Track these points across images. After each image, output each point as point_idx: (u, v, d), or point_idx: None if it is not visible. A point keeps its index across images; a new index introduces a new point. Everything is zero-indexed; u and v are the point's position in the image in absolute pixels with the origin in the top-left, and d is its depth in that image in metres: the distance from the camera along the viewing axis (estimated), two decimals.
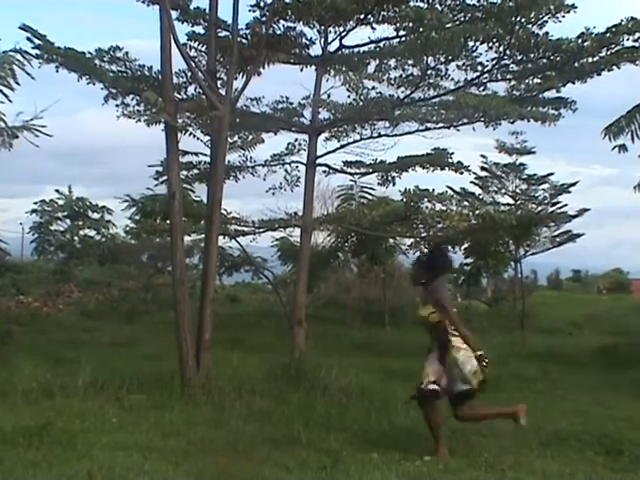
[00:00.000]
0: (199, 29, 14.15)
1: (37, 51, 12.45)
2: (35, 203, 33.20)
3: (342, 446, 8.55)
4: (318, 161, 15.38)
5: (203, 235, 17.03)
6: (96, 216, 32.67)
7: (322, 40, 15.00)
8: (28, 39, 12.14)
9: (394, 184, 17.30)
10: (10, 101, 10.45)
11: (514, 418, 8.04)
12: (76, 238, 32.40)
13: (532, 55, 14.33)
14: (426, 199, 17.70)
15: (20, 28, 11.97)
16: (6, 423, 8.34)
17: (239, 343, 16.40)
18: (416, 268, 8.70)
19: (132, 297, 26.54)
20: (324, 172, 16.64)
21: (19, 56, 10.55)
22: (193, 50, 14.13)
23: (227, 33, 13.60)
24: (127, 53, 13.59)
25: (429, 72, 14.84)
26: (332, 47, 14.99)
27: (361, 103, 15.20)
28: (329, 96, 15.26)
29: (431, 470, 7.46)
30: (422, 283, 8.32)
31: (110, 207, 32.62)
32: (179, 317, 11.37)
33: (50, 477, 6.71)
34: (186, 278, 11.98)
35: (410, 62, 14.89)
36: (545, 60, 14.46)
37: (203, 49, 14.11)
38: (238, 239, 17.45)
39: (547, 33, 13.82)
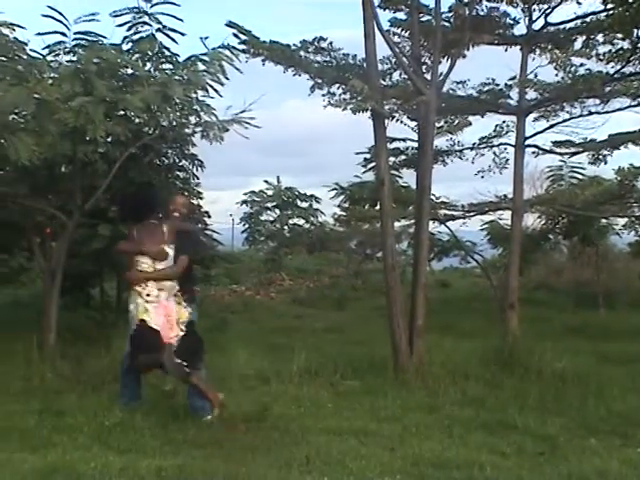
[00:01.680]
0: (401, 15, 14.08)
1: (243, 46, 12.73)
2: (245, 194, 34.18)
3: (559, 432, 8.38)
4: (527, 142, 15.03)
5: (411, 221, 17.09)
6: (304, 205, 33.23)
7: (526, 19, 14.61)
8: (234, 35, 12.43)
9: (605, 163, 16.69)
10: (220, 96, 10.75)
11: None
12: (285, 227, 33.07)
13: None
14: None
15: (227, 25, 12.27)
16: (225, 408, 8.61)
17: (450, 328, 16.28)
18: None
19: (342, 284, 26.82)
20: (533, 153, 16.23)
21: (227, 52, 10.82)
22: (396, 36, 14.06)
23: (429, 17, 13.49)
24: (331, 43, 13.68)
25: None
26: (537, 25, 14.57)
27: (569, 81, 14.73)
28: (536, 75, 14.88)
29: None
30: None
31: (318, 196, 33.14)
32: (391, 303, 11.40)
33: (268, 461, 6.85)
34: (397, 264, 11.99)
35: (619, 36, 14.28)
36: None
37: (406, 35, 14.03)
38: (447, 223, 17.31)
39: None
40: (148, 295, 8.17)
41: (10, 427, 7.76)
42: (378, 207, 13.03)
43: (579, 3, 13.95)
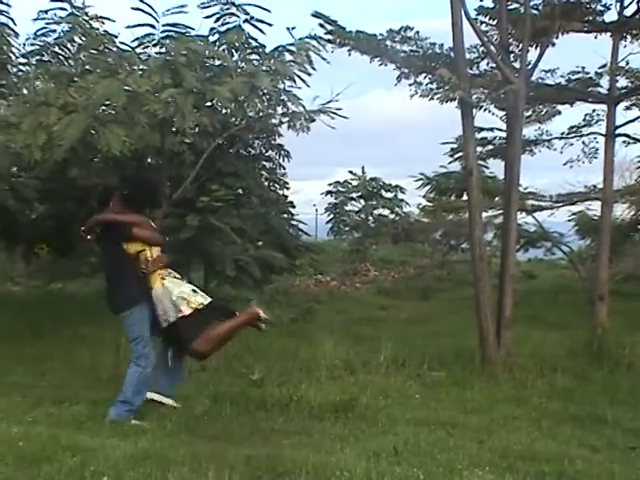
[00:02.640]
0: (488, 3, 13.94)
1: (330, 36, 12.73)
2: (329, 184, 34.15)
3: None
4: (617, 131, 14.74)
5: (498, 212, 16.93)
6: (389, 195, 33.09)
7: (618, 5, 14.33)
8: (321, 25, 12.45)
9: None
10: (308, 86, 10.77)
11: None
12: (370, 218, 32.95)
13: None
14: None
15: (313, 15, 12.30)
16: (312, 398, 8.64)
17: (537, 320, 16.11)
18: None
19: (427, 275, 26.69)
20: (623, 142, 15.94)
21: (314, 42, 10.83)
22: (484, 25, 13.92)
23: (517, 5, 13.33)
24: (418, 32, 13.62)
25: None
26: (629, 11, 14.27)
27: None
28: (627, 63, 14.58)
29: None
30: None
31: (402, 186, 32.96)
32: (479, 294, 11.32)
33: (357, 451, 6.84)
34: (485, 255, 11.89)
35: None
36: None
37: (494, 23, 13.87)
38: (535, 214, 17.10)
39: None
40: (175, 278, 8.19)
41: (101, 414, 7.90)
42: (465, 197, 12.94)
43: None
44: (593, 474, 6.27)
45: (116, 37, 11.39)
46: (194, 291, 8.01)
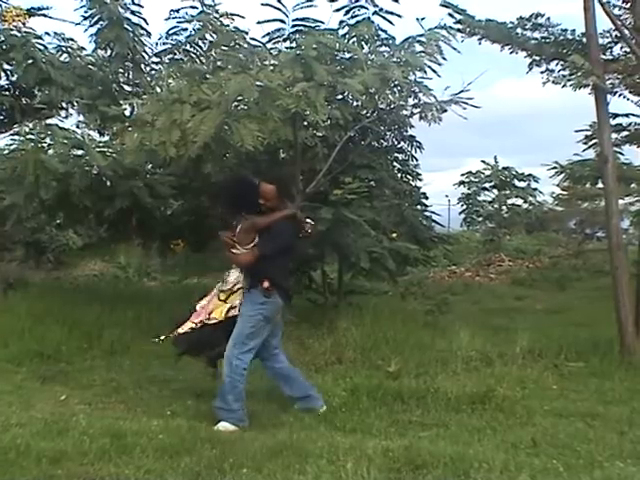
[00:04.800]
0: None
1: (459, 26, 12.68)
2: (462, 175, 33.90)
3: None
4: None
5: (634, 199, 16.56)
6: (522, 185, 32.65)
7: None
8: (450, 15, 12.42)
9: None
10: (439, 76, 10.75)
11: None
12: (504, 207, 32.60)
13: None
14: None
15: (441, 5, 12.27)
16: (449, 390, 8.65)
17: None
18: None
19: (562, 264, 26.26)
20: None
21: (444, 32, 10.81)
22: (616, 8, 13.60)
23: None
24: (549, 19, 13.42)
25: None
26: None
27: None
28: None
29: None
30: None
31: (536, 175, 32.49)
32: (617, 283, 11.10)
33: (495, 442, 6.86)
34: (623, 243, 11.66)
35: None
36: None
37: (627, 6, 13.56)
38: None
39: None
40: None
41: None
42: (600, 185, 12.70)
43: None
44: None
45: (246, 33, 11.67)
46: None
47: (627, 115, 15.86)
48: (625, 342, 10.86)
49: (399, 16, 11.19)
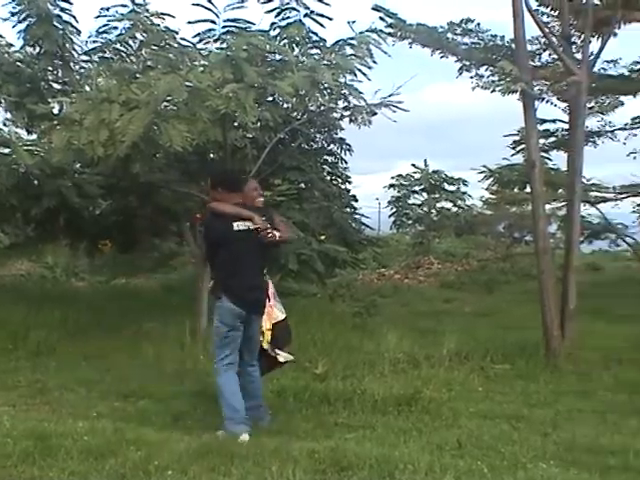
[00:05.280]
0: None
1: (390, 29, 12.75)
2: (392, 178, 34.08)
3: None
4: None
5: (561, 204, 16.83)
6: (452, 188, 32.93)
7: None
8: (381, 19, 12.49)
9: None
10: (369, 79, 10.78)
11: None
12: (433, 211, 32.83)
13: None
14: None
15: (373, 9, 12.34)
16: (376, 392, 8.67)
17: (602, 312, 15.97)
18: None
19: (490, 267, 26.56)
20: None
21: (375, 35, 10.83)
22: (545, 16, 13.85)
23: None
24: (479, 24, 13.62)
25: None
26: None
27: None
28: None
29: None
30: None
31: (465, 179, 32.78)
32: (543, 286, 11.25)
33: (420, 444, 6.87)
34: (549, 247, 11.83)
35: None
36: None
37: (555, 14, 13.78)
38: (598, 206, 16.95)
39: None
40: None
41: (165, 408, 8.05)
42: (528, 190, 12.88)
43: None
44: None
45: (177, 33, 11.56)
46: None
47: (554, 121, 16.20)
48: (550, 345, 11.02)
49: (330, 19, 11.22)
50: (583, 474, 5.87)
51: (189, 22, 10.82)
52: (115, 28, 12.44)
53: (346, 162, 14.76)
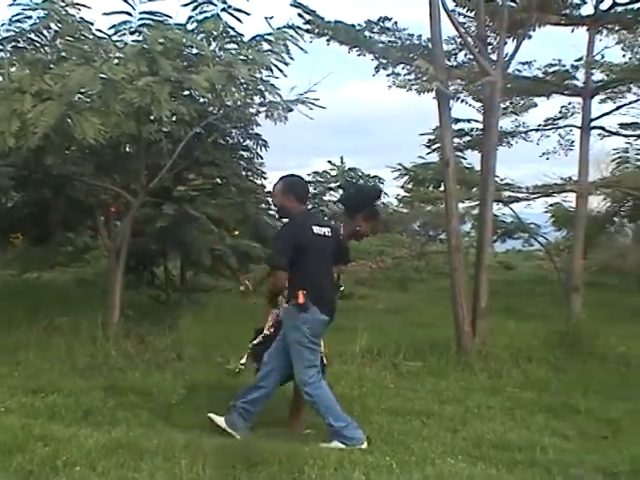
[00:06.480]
0: None
1: (308, 26, 12.74)
2: (308, 174, 34.16)
3: (622, 415, 8.40)
4: (593, 124, 14.83)
5: (475, 202, 17.01)
6: None
7: None
8: (299, 15, 12.46)
9: None
10: (285, 76, 10.73)
11: None
12: None
13: None
14: None
15: (291, 5, 12.32)
16: (287, 388, 8.67)
17: (514, 310, 16.23)
18: None
19: (405, 265, 26.76)
20: (599, 135, 16.05)
21: (292, 32, 10.80)
22: (461, 16, 13.95)
23: None
24: (396, 23, 13.64)
25: None
26: (604, 5, 14.33)
27: (637, 62, 14.61)
28: (603, 57, 14.74)
29: None
30: None
31: (381, 176, 32.96)
32: (455, 284, 11.37)
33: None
34: (461, 245, 11.96)
35: None
36: None
37: (471, 15, 13.92)
38: (511, 205, 17.17)
39: None
40: None
41: (75, 403, 7.90)
42: (442, 188, 13.00)
43: None
44: (564, 462, 6.33)
45: (92, 24, 11.32)
46: None
47: (469, 121, 16.36)
48: (462, 342, 11.13)
49: (248, 14, 11.10)
50: (490, 469, 5.94)
51: (104, 13, 10.63)
52: (29, 17, 12.18)
53: (262, 158, 14.69)
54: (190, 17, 11.05)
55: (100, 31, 10.75)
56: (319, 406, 6.96)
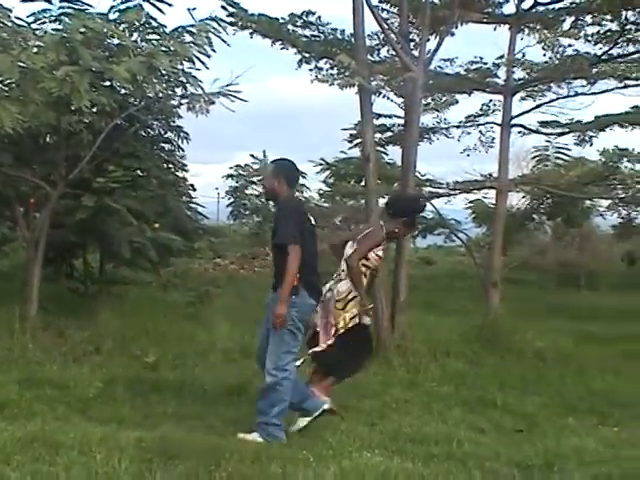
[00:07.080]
0: None
1: (231, 19, 12.68)
2: (230, 168, 34.03)
3: (538, 410, 8.57)
4: (513, 122, 15.01)
5: None
6: None
7: None
8: (222, 7, 12.41)
9: (591, 144, 16.78)
10: (207, 68, 10.65)
11: None
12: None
13: None
14: (625, 159, 17.17)
15: None
16: (207, 381, 8.65)
17: (433, 305, 16.39)
18: None
19: (326, 260, 26.79)
20: (519, 133, 16.26)
21: (215, 24, 10.72)
22: (385, 12, 14.01)
23: None
24: (320, 17, 13.66)
25: (628, 27, 14.25)
26: (526, 4, 14.51)
27: (557, 61, 14.81)
28: (524, 55, 14.94)
29: (632, 437, 7.30)
30: None
31: (303, 171, 32.97)
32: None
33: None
34: None
35: (607, 17, 14.27)
36: None
37: (395, 11, 13.99)
38: (432, 201, 17.29)
39: None
40: None
41: None
42: (363, 183, 13.03)
43: None
44: (480, 455, 6.39)
45: (10, 11, 11.10)
46: None
47: (390, 116, 16.43)
48: (380, 337, 11.16)
49: (170, 5, 11.00)
50: (406, 462, 5.95)
51: (24, 0, 10.46)
52: None
53: (183, 150, 14.57)
54: (112, 7, 10.90)
55: (19, 18, 10.54)
56: (273, 395, 6.87)
